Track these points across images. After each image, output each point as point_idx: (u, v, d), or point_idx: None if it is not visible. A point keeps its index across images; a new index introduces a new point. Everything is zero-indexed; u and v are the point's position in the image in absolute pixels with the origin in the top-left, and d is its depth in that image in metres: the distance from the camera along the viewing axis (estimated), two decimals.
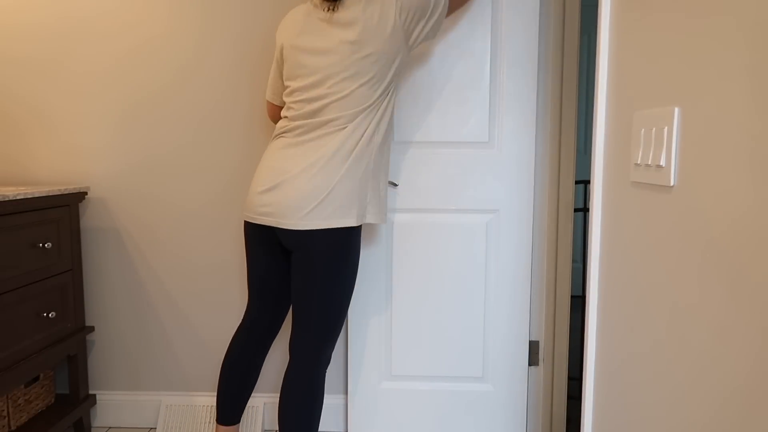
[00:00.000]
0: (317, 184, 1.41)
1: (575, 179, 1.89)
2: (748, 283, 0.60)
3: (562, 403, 1.95)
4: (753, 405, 0.60)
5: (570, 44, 1.81)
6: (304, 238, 1.44)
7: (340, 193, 1.42)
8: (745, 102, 0.61)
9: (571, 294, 1.92)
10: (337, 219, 1.43)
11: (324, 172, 1.42)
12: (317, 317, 1.47)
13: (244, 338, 1.63)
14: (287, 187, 1.43)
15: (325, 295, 1.46)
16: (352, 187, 1.44)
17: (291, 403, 1.47)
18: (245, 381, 1.63)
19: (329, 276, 1.46)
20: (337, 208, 1.43)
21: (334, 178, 1.42)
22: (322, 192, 1.41)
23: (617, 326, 0.93)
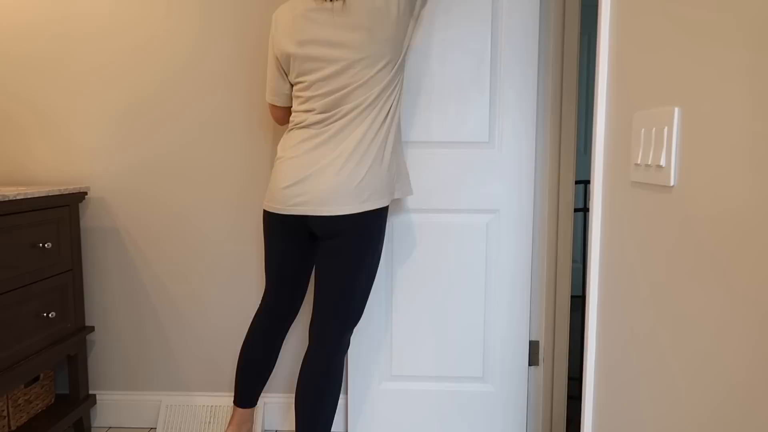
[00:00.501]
0: (350, 171, 1.46)
1: (575, 179, 1.89)
2: (748, 282, 0.60)
3: (562, 403, 1.95)
4: (753, 404, 0.60)
5: (570, 44, 1.81)
6: (340, 224, 1.48)
7: (373, 178, 1.48)
8: (745, 102, 0.61)
9: (571, 294, 1.92)
10: (373, 201, 1.49)
11: (355, 159, 1.47)
12: (344, 302, 1.52)
13: (263, 322, 1.68)
14: (319, 178, 1.47)
15: (354, 279, 1.51)
16: (383, 170, 1.50)
17: (310, 386, 1.50)
18: (265, 366, 1.69)
19: (360, 260, 1.51)
20: (373, 192, 1.48)
21: (366, 163, 1.47)
22: (356, 178, 1.46)
23: (617, 326, 0.93)
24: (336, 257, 1.51)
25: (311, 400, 1.50)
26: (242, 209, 1.98)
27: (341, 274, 1.51)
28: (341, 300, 1.51)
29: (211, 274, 2.01)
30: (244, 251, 2.00)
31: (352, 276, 1.51)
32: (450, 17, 1.74)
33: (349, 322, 1.54)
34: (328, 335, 1.52)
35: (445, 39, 1.75)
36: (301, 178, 1.49)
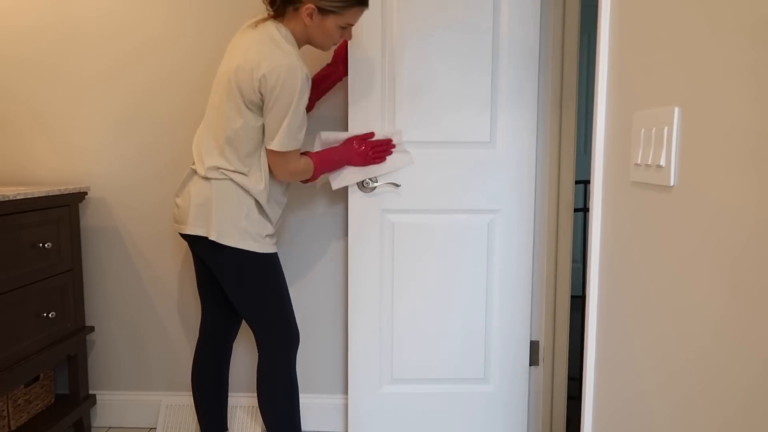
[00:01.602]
0: (196, 192, 1.48)
1: (575, 179, 1.89)
2: (748, 282, 0.60)
3: (562, 403, 1.95)
4: (753, 404, 0.60)
5: (570, 44, 1.81)
6: (196, 246, 1.51)
7: (210, 206, 1.46)
8: (745, 102, 0.61)
9: (571, 294, 1.92)
10: (204, 230, 1.47)
11: (200, 183, 1.48)
12: (251, 316, 1.53)
13: (205, 346, 1.67)
14: (182, 195, 1.53)
15: (245, 306, 1.52)
16: (222, 207, 1.46)
17: (264, 395, 1.55)
18: (219, 388, 1.68)
19: (236, 293, 1.51)
20: (207, 220, 1.46)
21: (207, 187, 1.46)
22: (195, 198, 1.47)
23: (617, 326, 0.93)
24: (219, 280, 1.53)
25: (262, 406, 1.56)
26: None
27: (232, 297, 1.52)
28: (247, 317, 1.53)
29: None
30: None
31: (244, 302, 1.51)
32: (450, 18, 1.74)
33: (268, 337, 1.53)
34: (260, 345, 1.55)
35: (446, 39, 1.75)
36: (176, 190, 1.56)
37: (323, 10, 1.41)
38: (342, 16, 1.44)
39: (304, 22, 1.43)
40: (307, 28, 1.45)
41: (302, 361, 2.02)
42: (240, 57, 1.41)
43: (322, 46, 1.53)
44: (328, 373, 2.02)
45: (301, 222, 1.97)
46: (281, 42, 1.41)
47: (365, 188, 1.78)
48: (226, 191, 1.46)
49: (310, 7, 1.40)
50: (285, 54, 1.38)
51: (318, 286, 1.99)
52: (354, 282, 1.84)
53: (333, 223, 1.97)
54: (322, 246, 1.98)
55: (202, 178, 1.47)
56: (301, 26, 1.45)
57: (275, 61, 1.37)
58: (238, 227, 1.45)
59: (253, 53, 1.39)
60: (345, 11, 1.43)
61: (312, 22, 1.43)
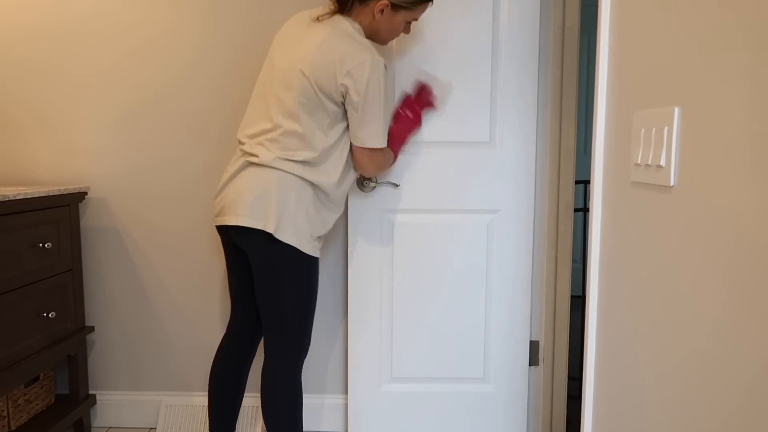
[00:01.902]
0: (257, 179, 1.41)
1: (575, 179, 1.89)
2: (748, 282, 0.60)
3: (562, 403, 1.95)
4: (754, 404, 0.60)
5: (570, 44, 1.81)
6: (241, 237, 1.45)
7: (267, 198, 1.40)
8: (745, 102, 0.61)
9: (571, 294, 1.92)
10: (273, 226, 1.39)
11: (258, 172, 1.42)
12: (276, 319, 1.47)
13: (229, 346, 1.64)
14: (231, 182, 1.46)
15: (275, 306, 1.46)
16: (280, 200, 1.40)
17: (267, 401, 1.50)
18: (235, 390, 1.64)
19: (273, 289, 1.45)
20: (264, 213, 1.40)
21: (268, 178, 1.40)
22: (250, 189, 1.41)
23: (617, 326, 0.93)
24: (255, 275, 1.46)
25: (265, 411, 1.51)
26: None
27: (258, 295, 1.47)
28: (269, 320, 1.48)
29: (211, 273, 2.01)
30: None
31: (272, 301, 1.45)
32: (450, 18, 1.74)
33: (285, 342, 1.48)
34: (269, 352, 1.50)
35: (446, 39, 1.75)
36: (222, 183, 1.48)
37: (396, 6, 1.42)
38: (412, 12, 1.45)
39: (373, 17, 1.43)
40: (374, 23, 1.45)
41: None
42: (313, 52, 1.38)
43: (384, 41, 1.53)
44: (327, 372, 2.02)
45: None
46: (357, 36, 1.40)
47: (365, 188, 1.78)
48: (290, 184, 1.41)
49: (384, 3, 1.40)
50: (366, 48, 1.38)
51: (318, 285, 1.99)
52: (354, 281, 1.84)
53: None
54: (322, 245, 1.98)
55: (263, 167, 1.42)
56: (368, 20, 1.45)
57: (359, 56, 1.36)
58: (296, 224, 1.42)
59: (332, 49, 1.37)
60: (416, 7, 1.44)
61: (382, 18, 1.43)
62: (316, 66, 1.37)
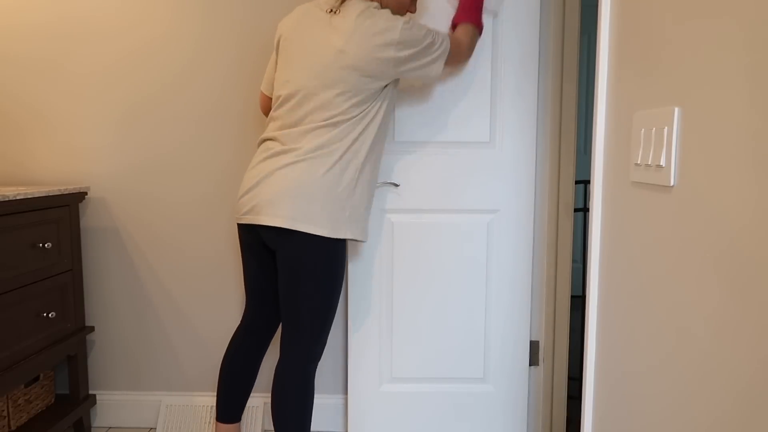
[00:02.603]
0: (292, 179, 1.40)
1: (575, 179, 1.89)
2: (748, 282, 0.60)
3: (562, 403, 1.95)
4: (754, 404, 0.60)
5: (570, 44, 1.81)
6: (274, 237, 1.45)
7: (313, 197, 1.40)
8: (745, 102, 0.61)
9: (571, 294, 1.92)
10: (308, 224, 1.39)
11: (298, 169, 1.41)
12: (300, 317, 1.47)
13: (242, 338, 1.65)
14: (265, 183, 1.44)
15: (305, 298, 1.45)
16: (332, 196, 1.41)
17: (279, 399, 1.49)
18: (244, 379, 1.65)
19: (308, 280, 1.44)
20: (313, 215, 1.40)
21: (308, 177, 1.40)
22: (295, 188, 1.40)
23: (617, 326, 0.93)
24: (285, 272, 1.46)
25: (281, 413, 1.49)
26: None
27: (286, 292, 1.47)
28: (299, 315, 1.47)
29: (212, 273, 2.01)
30: None
31: (305, 294, 1.45)
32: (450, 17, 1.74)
33: (311, 336, 1.48)
34: (291, 348, 1.49)
35: None
36: (253, 184, 1.47)
37: None
38: None
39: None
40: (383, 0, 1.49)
41: None
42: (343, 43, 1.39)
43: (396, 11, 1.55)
44: (328, 372, 2.02)
45: None
46: (375, 11, 1.43)
47: None
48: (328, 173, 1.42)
49: None
50: (389, 18, 1.41)
51: None
52: (354, 281, 1.84)
53: None
54: None
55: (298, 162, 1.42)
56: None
57: (394, 24, 1.39)
58: (344, 215, 1.43)
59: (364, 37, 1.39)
60: None
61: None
62: (359, 57, 1.39)
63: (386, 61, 1.40)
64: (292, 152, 1.43)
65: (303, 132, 1.43)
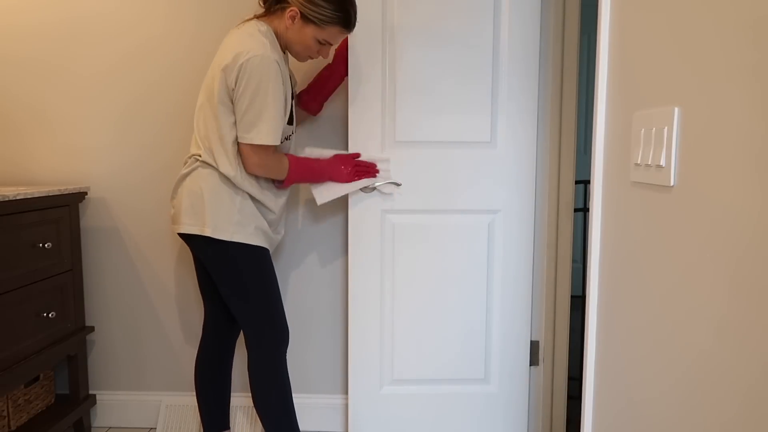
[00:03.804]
0: (189, 186, 1.50)
1: (575, 179, 1.89)
2: (749, 282, 0.60)
3: (562, 403, 1.95)
4: (754, 404, 0.60)
5: (570, 44, 1.81)
6: (190, 243, 1.53)
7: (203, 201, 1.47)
8: (745, 102, 0.61)
9: (571, 294, 1.92)
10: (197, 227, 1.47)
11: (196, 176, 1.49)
12: (242, 312, 1.53)
13: (207, 342, 1.68)
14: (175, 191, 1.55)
15: (235, 296, 1.51)
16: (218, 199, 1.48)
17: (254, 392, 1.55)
18: (220, 384, 1.69)
19: (226, 280, 1.51)
20: (201, 217, 1.47)
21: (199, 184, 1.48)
22: (191, 195, 1.49)
23: (617, 326, 0.93)
24: (212, 276, 1.55)
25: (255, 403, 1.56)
26: None
27: (220, 291, 1.54)
28: (238, 313, 1.54)
29: None
30: None
31: (229, 297, 1.52)
32: (451, 18, 1.74)
33: (259, 332, 1.52)
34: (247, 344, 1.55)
35: (447, 39, 1.75)
36: (173, 189, 1.57)
37: (305, 17, 1.42)
38: (322, 30, 1.45)
39: (286, 24, 1.45)
40: (287, 31, 1.47)
41: (302, 362, 2.02)
42: (219, 55, 1.45)
43: (297, 55, 1.53)
44: (328, 373, 2.02)
45: (302, 222, 1.97)
46: (257, 35, 1.42)
47: (366, 188, 1.78)
48: (215, 184, 1.48)
49: (294, 10, 1.42)
50: (259, 44, 1.39)
51: (318, 286, 1.99)
52: (354, 282, 1.84)
53: (333, 223, 1.97)
54: (322, 246, 1.98)
55: (190, 173, 1.50)
56: (283, 27, 1.47)
57: (249, 51, 1.38)
58: (232, 221, 1.47)
59: (230, 49, 1.41)
60: (326, 26, 1.44)
61: (293, 26, 1.45)
62: (216, 67, 1.43)
63: (222, 81, 1.42)
64: (189, 160, 1.53)
65: (195, 143, 1.53)
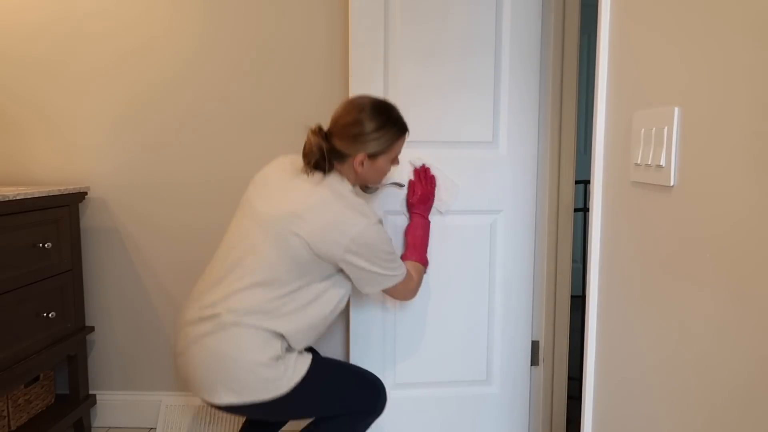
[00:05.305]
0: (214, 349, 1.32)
1: (575, 179, 1.89)
2: (748, 282, 0.60)
3: (562, 403, 1.95)
4: (754, 404, 0.60)
5: (570, 44, 1.81)
6: None
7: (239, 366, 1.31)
8: (745, 102, 0.61)
9: (571, 294, 1.92)
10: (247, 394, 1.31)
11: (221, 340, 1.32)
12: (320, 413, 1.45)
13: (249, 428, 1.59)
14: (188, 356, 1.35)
15: (308, 415, 1.43)
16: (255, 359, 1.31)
17: None
18: None
19: (293, 416, 1.42)
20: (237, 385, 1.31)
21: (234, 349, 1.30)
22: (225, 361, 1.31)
23: (617, 326, 0.93)
24: None
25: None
26: None
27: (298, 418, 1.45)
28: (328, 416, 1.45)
29: None
30: None
31: (305, 421, 1.44)
32: (452, 18, 1.74)
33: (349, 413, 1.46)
34: None
35: (448, 39, 1.75)
36: (182, 342, 1.37)
37: (372, 155, 1.40)
38: (391, 151, 1.43)
39: (356, 171, 1.41)
40: (360, 175, 1.43)
41: None
42: (302, 208, 1.33)
43: (375, 182, 1.53)
44: None
45: None
46: (350, 197, 1.37)
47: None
48: (250, 339, 1.31)
49: (361, 157, 1.38)
50: (360, 212, 1.35)
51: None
52: None
53: None
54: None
55: (222, 326, 1.31)
56: (353, 174, 1.43)
57: (356, 222, 1.32)
58: (268, 377, 1.31)
59: (327, 213, 1.32)
60: (392, 147, 1.43)
61: (364, 169, 1.41)
62: (314, 232, 1.31)
63: (336, 248, 1.32)
64: (222, 310, 1.32)
65: (232, 290, 1.33)
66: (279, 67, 1.93)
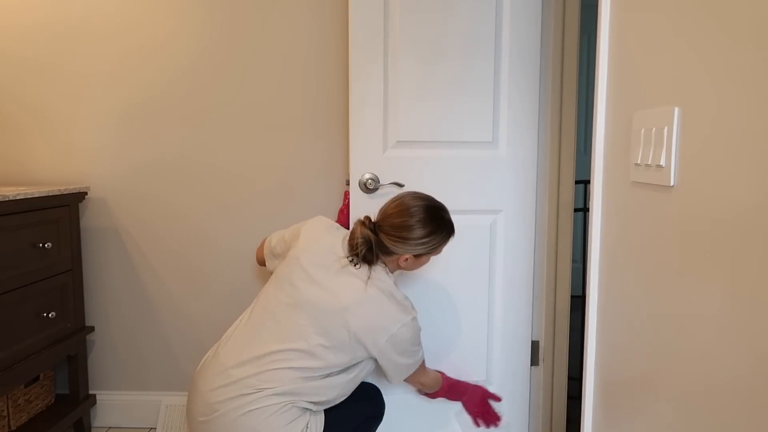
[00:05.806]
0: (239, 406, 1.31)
1: (575, 179, 1.89)
2: (748, 282, 0.60)
3: (562, 403, 1.95)
4: (754, 404, 0.60)
5: (570, 44, 1.81)
6: None
7: None
8: (745, 102, 0.61)
9: (571, 294, 1.92)
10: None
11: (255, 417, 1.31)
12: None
13: None
14: None
15: None
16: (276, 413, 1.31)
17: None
18: None
19: None
20: None
21: None
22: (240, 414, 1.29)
23: (617, 326, 0.93)
24: None
25: None
26: (242, 209, 1.98)
27: None
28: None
29: (211, 273, 2.01)
30: (244, 250, 2.00)
31: None
32: (452, 19, 1.74)
33: None
34: None
35: (448, 39, 1.75)
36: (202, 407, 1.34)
37: (418, 255, 1.44)
38: (436, 251, 1.47)
39: (399, 264, 1.45)
40: (402, 267, 1.48)
41: None
42: (353, 304, 1.34)
43: (412, 272, 1.67)
44: None
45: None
46: (396, 293, 1.40)
47: (367, 189, 1.78)
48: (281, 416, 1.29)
49: (407, 255, 1.42)
50: (404, 308, 1.39)
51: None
52: None
53: None
54: None
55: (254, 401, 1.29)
56: (395, 266, 1.47)
57: (399, 319, 1.36)
58: None
59: (375, 310, 1.35)
60: (438, 248, 1.46)
61: (408, 263, 1.46)
62: (360, 325, 1.34)
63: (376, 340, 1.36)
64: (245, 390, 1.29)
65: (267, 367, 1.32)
66: (279, 69, 1.93)
